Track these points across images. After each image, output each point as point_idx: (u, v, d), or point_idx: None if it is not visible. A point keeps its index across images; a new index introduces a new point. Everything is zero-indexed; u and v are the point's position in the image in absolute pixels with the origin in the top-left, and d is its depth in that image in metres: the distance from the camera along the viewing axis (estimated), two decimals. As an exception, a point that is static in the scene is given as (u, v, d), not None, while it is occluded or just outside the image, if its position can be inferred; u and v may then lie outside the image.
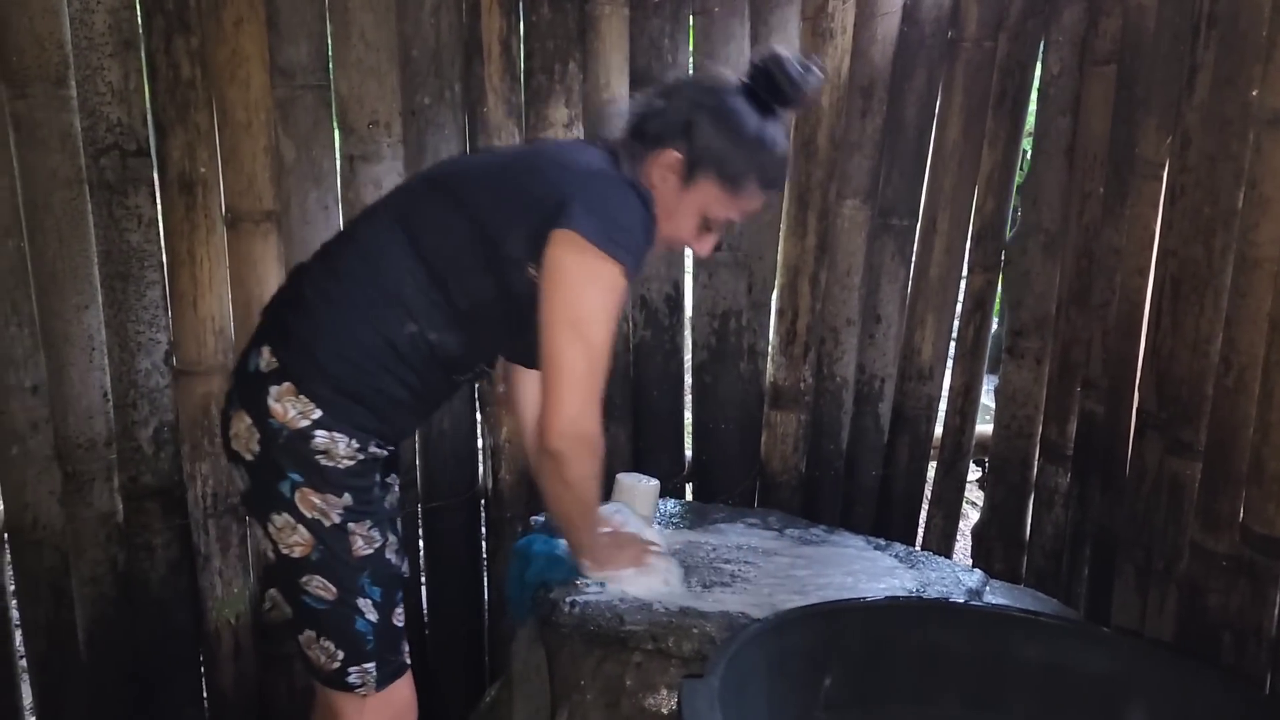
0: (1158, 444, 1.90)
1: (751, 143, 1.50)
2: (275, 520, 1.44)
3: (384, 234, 1.49)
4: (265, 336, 1.49)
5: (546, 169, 1.49)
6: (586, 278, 1.41)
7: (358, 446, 1.44)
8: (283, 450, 1.42)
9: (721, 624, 1.52)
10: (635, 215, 1.45)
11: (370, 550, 1.46)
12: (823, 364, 2.35)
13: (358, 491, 1.45)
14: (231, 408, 1.49)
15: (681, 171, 1.49)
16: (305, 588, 1.45)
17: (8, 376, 1.91)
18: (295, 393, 1.42)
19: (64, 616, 2.06)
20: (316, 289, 1.49)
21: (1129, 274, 2.04)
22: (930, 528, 2.52)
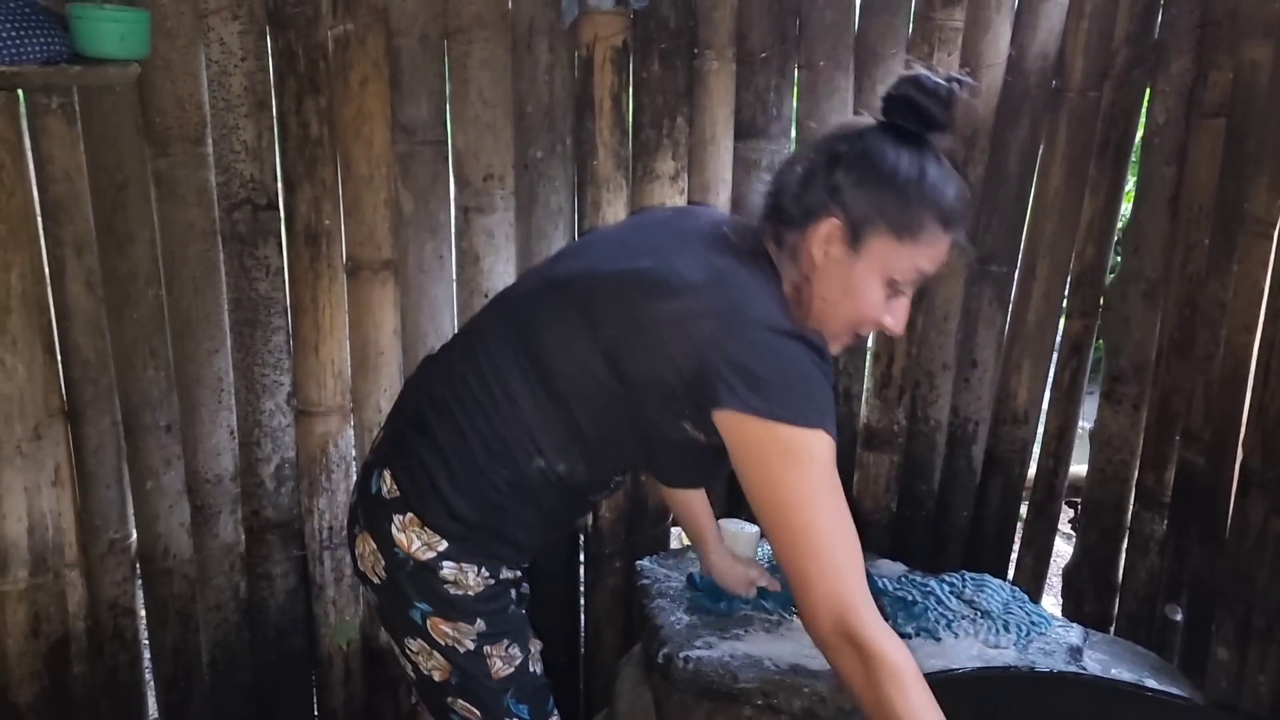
0: (1262, 502, 1.90)
1: (910, 181, 1.26)
2: (410, 644, 1.41)
3: (502, 348, 1.37)
4: (388, 459, 1.41)
5: (685, 313, 1.26)
6: (779, 460, 1.19)
7: (488, 574, 1.38)
8: (409, 580, 1.37)
9: (831, 684, 1.57)
10: (795, 360, 1.23)
11: (511, 669, 1.42)
12: (917, 407, 2.38)
13: (491, 615, 1.39)
14: (357, 528, 1.44)
15: (845, 238, 1.27)
16: (452, 708, 1.43)
17: (144, 416, 2.03)
18: (420, 524, 1.36)
19: (190, 640, 2.18)
20: (440, 414, 1.39)
21: (1235, 329, 2.03)
22: (1020, 567, 2.53)
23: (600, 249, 1.44)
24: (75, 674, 2.06)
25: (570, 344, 1.32)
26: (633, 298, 1.30)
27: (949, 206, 1.29)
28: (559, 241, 2.12)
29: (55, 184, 1.88)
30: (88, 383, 1.98)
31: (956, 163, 2.19)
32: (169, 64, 1.86)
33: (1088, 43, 2.16)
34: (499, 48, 2.01)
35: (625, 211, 2.14)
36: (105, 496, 2.05)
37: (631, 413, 1.33)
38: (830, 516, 1.20)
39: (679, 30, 2.06)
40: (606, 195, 2.11)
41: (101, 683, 2.12)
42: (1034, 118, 2.21)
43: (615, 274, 1.33)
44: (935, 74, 1.29)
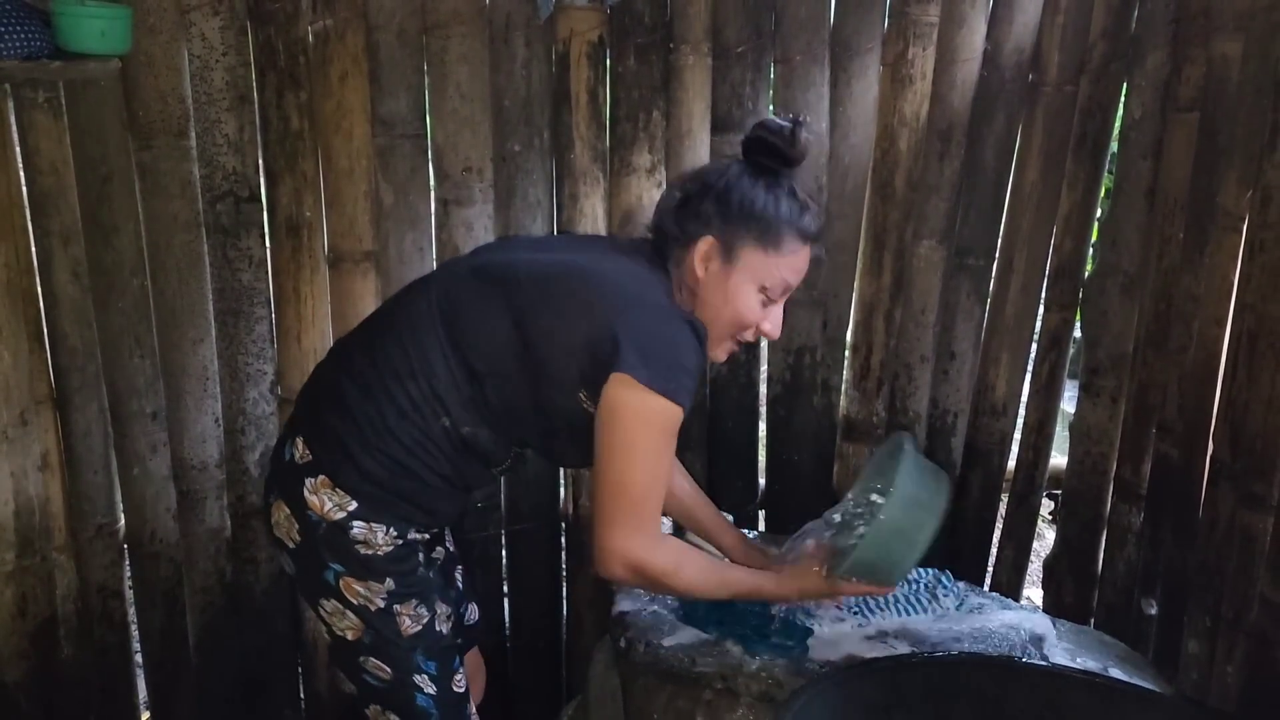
0: (1230, 494, 1.91)
1: (767, 206, 1.49)
2: (325, 605, 1.49)
3: (423, 324, 1.49)
4: (300, 427, 1.51)
5: (596, 295, 1.46)
6: (643, 421, 1.40)
7: (396, 534, 1.47)
8: (322, 541, 1.45)
9: (788, 668, 1.60)
10: (689, 349, 1.44)
11: (419, 627, 1.49)
12: (896, 398, 2.39)
13: (400, 575, 1.47)
14: (271, 496, 1.52)
15: (721, 253, 1.49)
16: (364, 667, 1.50)
17: (131, 404, 2.07)
18: (331, 485, 1.44)
19: (177, 623, 2.22)
20: (354, 382, 1.49)
21: (1206, 323, 2.04)
22: (1001, 559, 2.55)
23: (521, 246, 1.67)
24: (64, 655, 2.11)
25: (490, 324, 1.47)
26: (553, 283, 1.48)
27: (804, 226, 1.53)
28: (537, 233, 2.16)
29: (42, 176, 1.93)
30: (75, 370, 2.03)
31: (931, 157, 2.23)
32: (151, 59, 1.91)
33: (1064, 37, 2.17)
34: (476, 42, 2.04)
35: (602, 204, 2.17)
36: (93, 482, 2.10)
37: (534, 388, 1.48)
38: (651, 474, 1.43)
39: (654, 25, 2.09)
40: (584, 188, 2.14)
41: (90, 663, 2.18)
42: (1010, 112, 2.22)
43: (537, 263, 1.53)
44: (779, 118, 1.55)
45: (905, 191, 2.25)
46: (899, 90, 2.19)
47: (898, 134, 2.22)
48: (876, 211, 2.27)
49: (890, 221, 2.27)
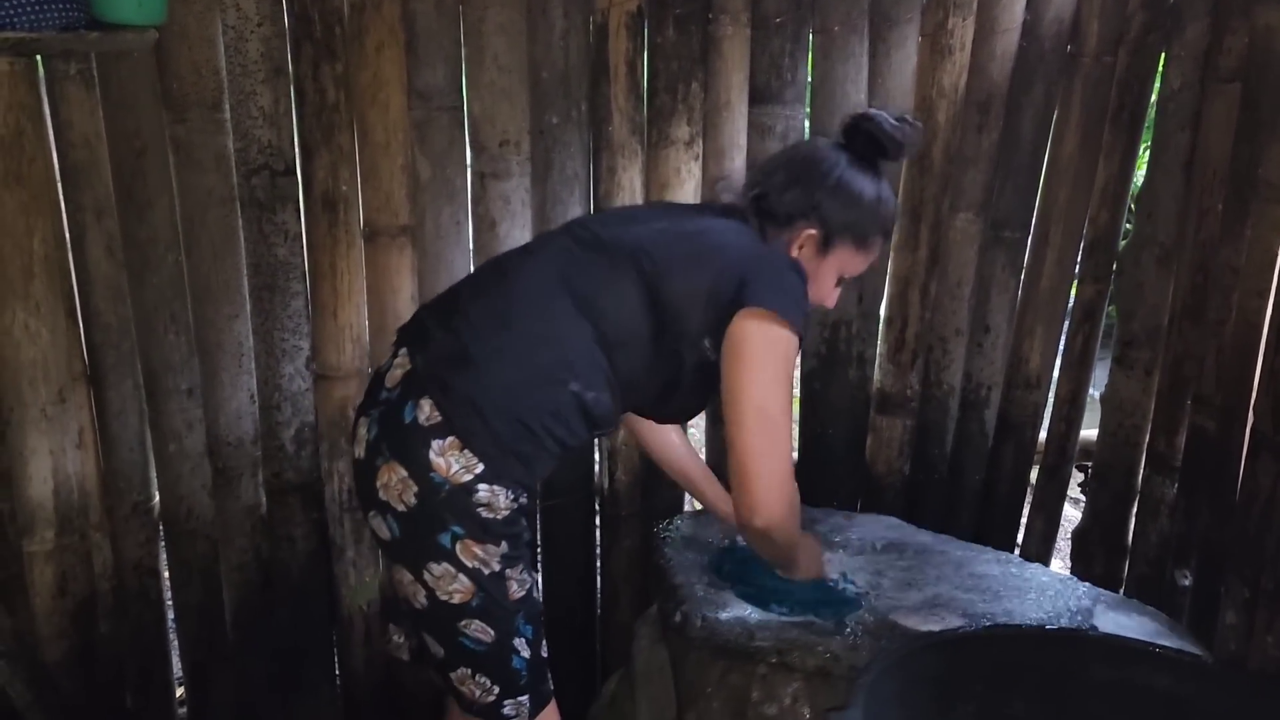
0: (1272, 466, 1.91)
1: (872, 204, 1.65)
2: (433, 569, 1.48)
3: (554, 294, 1.54)
4: (424, 388, 1.50)
5: (718, 250, 1.57)
6: (770, 347, 1.51)
7: (513, 498, 1.50)
8: (444, 504, 1.46)
9: (845, 644, 1.60)
10: (801, 290, 1.57)
11: (524, 592, 1.52)
12: (930, 371, 2.39)
13: (513, 539, 1.50)
14: (381, 459, 1.50)
15: (819, 244, 1.64)
16: (464, 630, 1.50)
17: (166, 380, 2.05)
18: (460, 448, 1.46)
19: (213, 600, 2.22)
20: (483, 345, 1.52)
21: (1247, 294, 2.03)
22: (1031, 530, 2.56)
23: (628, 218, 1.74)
24: (102, 633, 2.10)
25: (621, 293, 1.55)
26: (676, 247, 1.59)
27: (890, 223, 1.75)
28: (574, 207, 2.14)
29: (75, 150, 1.90)
30: (109, 347, 2.01)
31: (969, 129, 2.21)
32: (186, 30, 1.87)
33: (1103, 7, 2.15)
34: (514, 13, 2.01)
35: (640, 177, 2.15)
36: (128, 459, 2.08)
37: (661, 348, 1.56)
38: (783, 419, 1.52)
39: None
40: (622, 161, 2.12)
41: (127, 641, 2.17)
42: (1048, 83, 2.21)
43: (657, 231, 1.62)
44: (893, 117, 1.66)
45: (942, 164, 2.23)
46: (938, 61, 2.18)
47: (936, 105, 2.20)
48: (914, 184, 2.25)
49: (927, 194, 2.25)
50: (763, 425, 1.50)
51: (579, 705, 2.16)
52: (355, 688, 2.34)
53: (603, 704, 2.09)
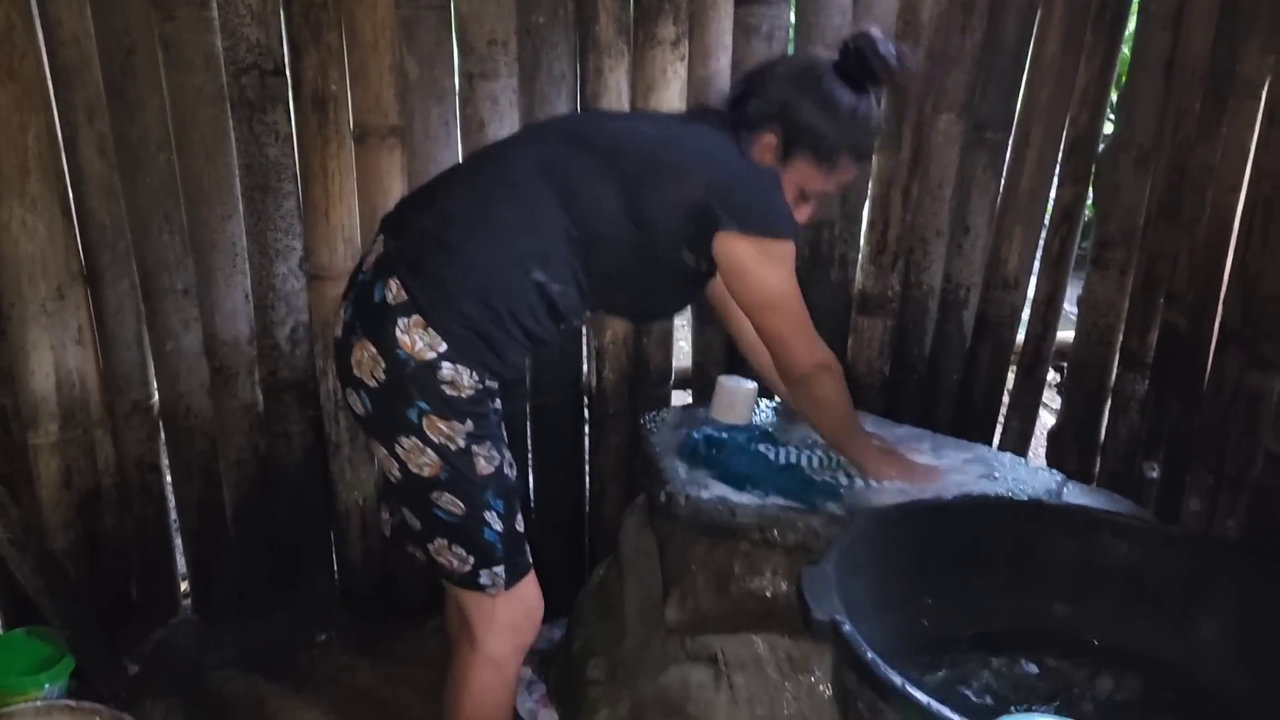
0: (1239, 357, 1.98)
1: (845, 120, 1.65)
2: (403, 443, 1.53)
3: (534, 185, 1.57)
4: (392, 268, 1.53)
5: (692, 159, 1.62)
6: (765, 264, 1.61)
7: (478, 379, 1.53)
8: (410, 379, 1.50)
9: (824, 519, 1.68)
10: (773, 189, 1.63)
11: (491, 469, 1.57)
12: (910, 273, 2.44)
13: (478, 417, 1.54)
14: (353, 337, 1.54)
15: (778, 152, 1.66)
16: (436, 502, 1.56)
17: (162, 280, 2.09)
18: (424, 326, 1.49)
19: (213, 495, 2.29)
20: (460, 227, 1.55)
21: (1221, 191, 2.08)
22: (1007, 429, 2.63)
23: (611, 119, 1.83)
24: (106, 526, 2.18)
25: (600, 190, 1.58)
26: (654, 153, 1.63)
27: (863, 145, 1.74)
28: (562, 107, 2.15)
29: (64, 48, 1.91)
30: (105, 247, 2.04)
31: (952, 29, 2.23)
32: (172, -75, 1.87)
33: (1088, -95, 2.16)
34: (501, -91, 2.01)
35: (626, 78, 2.17)
36: (127, 358, 2.13)
37: (639, 250, 1.61)
38: (796, 298, 1.67)
39: (680, -108, 2.06)
40: (608, 61, 2.13)
41: (131, 534, 2.25)
42: (1032, -18, 2.22)
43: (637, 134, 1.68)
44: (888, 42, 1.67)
45: (926, 65, 2.25)
46: (923, -42, 2.18)
47: (920, 5, 2.21)
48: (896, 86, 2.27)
49: (910, 94, 2.28)
50: (785, 313, 1.66)
51: (569, 597, 2.25)
52: (352, 580, 2.42)
53: (591, 589, 2.17)
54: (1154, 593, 1.44)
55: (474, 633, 1.64)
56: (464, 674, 1.66)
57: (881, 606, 1.39)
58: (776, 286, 1.63)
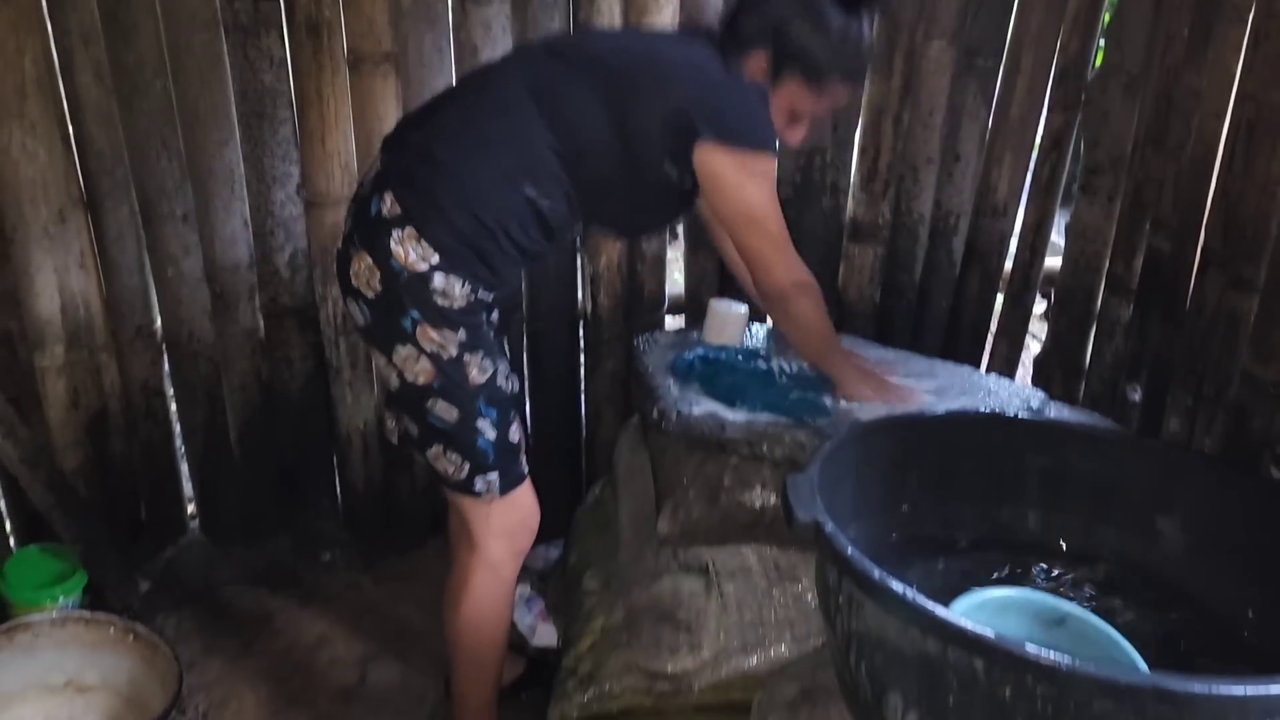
0: (1219, 279, 2.03)
1: (835, 41, 1.65)
2: (400, 351, 1.57)
3: (520, 102, 1.59)
4: (387, 182, 1.58)
5: (675, 70, 1.63)
6: (744, 177, 1.61)
7: (470, 290, 1.57)
8: (404, 289, 1.54)
9: (810, 434, 1.74)
10: (759, 107, 1.63)
11: (484, 378, 1.60)
12: (901, 200, 2.47)
13: (471, 328, 1.58)
14: (352, 248, 1.59)
15: (768, 72, 1.66)
16: (431, 410, 1.60)
17: (161, 206, 2.12)
18: (417, 238, 1.53)
19: (218, 420, 2.34)
20: (449, 144, 1.58)
21: (1206, 116, 2.11)
22: (995, 355, 2.68)
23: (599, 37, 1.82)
24: (114, 448, 2.23)
25: (584, 105, 1.60)
26: (638, 66, 1.64)
27: (855, 68, 1.73)
28: (555, 32, 2.17)
29: (58, -29, 1.92)
30: (104, 174, 2.07)
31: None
32: None
33: None
34: None
35: (619, 3, 2.18)
36: (129, 283, 2.17)
37: (623, 163, 1.63)
38: (776, 215, 1.67)
39: None
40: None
41: (138, 456, 2.30)
42: (1024, -95, 2.22)
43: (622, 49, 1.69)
44: None
45: (917, -10, 2.26)
46: (916, -117, 2.18)
47: (912, -71, 2.22)
48: (888, 12, 2.28)
49: (902, 22, 2.29)
50: (764, 230, 1.66)
51: (566, 518, 2.32)
52: (354, 501, 2.49)
53: (587, 507, 2.24)
54: (1121, 499, 1.50)
55: (472, 537, 1.71)
56: (464, 576, 1.72)
57: (861, 512, 1.45)
58: (756, 201, 1.63)
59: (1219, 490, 1.45)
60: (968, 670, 1.04)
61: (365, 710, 2.01)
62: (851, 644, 1.20)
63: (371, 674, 2.10)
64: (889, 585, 1.10)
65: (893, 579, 1.10)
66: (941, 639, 1.05)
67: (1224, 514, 1.43)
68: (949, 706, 1.09)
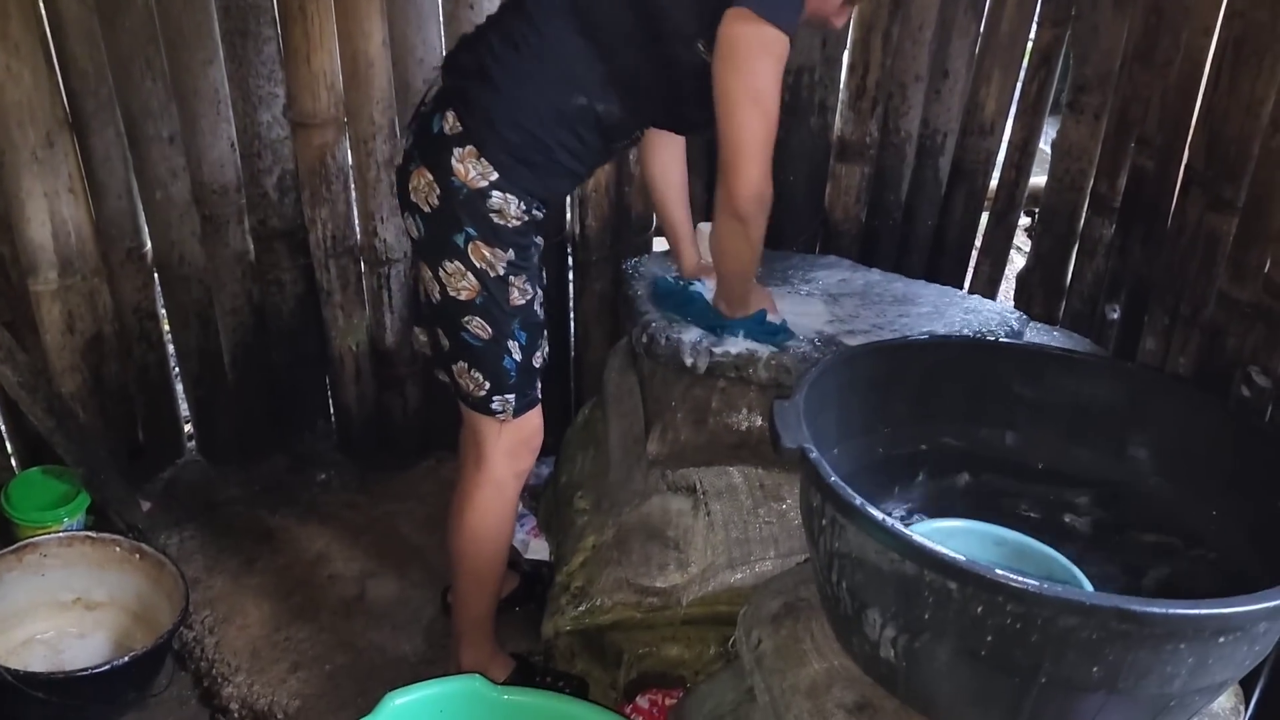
0: (1200, 199, 2.05)
1: None
2: (447, 266, 1.62)
3: (559, 13, 1.60)
4: (449, 102, 1.61)
5: None
6: (760, 49, 1.55)
7: (524, 208, 1.61)
8: (461, 206, 1.58)
9: (794, 358, 1.78)
10: None
11: (523, 301, 1.66)
12: (889, 118, 2.47)
13: (520, 249, 1.63)
14: (412, 164, 1.63)
15: None
16: (466, 326, 1.65)
17: (147, 127, 2.11)
18: (477, 156, 1.57)
19: (211, 343, 2.37)
20: (499, 63, 1.60)
21: (1195, 33, 2.10)
22: (978, 273, 2.72)
23: None
24: (110, 371, 2.26)
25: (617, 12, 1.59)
26: None
27: None
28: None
29: (32, -115, 1.87)
30: (88, 94, 2.05)
31: None
32: None
33: None
34: None
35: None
36: (118, 207, 2.17)
37: (659, 53, 1.62)
38: (774, 109, 1.59)
39: None
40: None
41: (134, 380, 2.33)
42: None
43: None
44: None
45: (909, -97, 2.23)
46: None
47: None
48: (879, -76, 2.25)
49: (892, -64, 2.26)
50: (757, 109, 1.58)
51: (556, 437, 2.37)
52: (348, 421, 2.53)
53: (577, 427, 2.29)
54: (1095, 420, 1.55)
55: (481, 453, 1.76)
56: (469, 491, 1.78)
57: (845, 434, 1.50)
58: (764, 82, 1.57)
59: (1188, 411, 1.50)
60: (942, 590, 1.10)
61: (366, 624, 2.09)
62: (833, 563, 1.26)
63: (370, 589, 2.17)
64: (869, 512, 1.15)
65: (872, 506, 1.15)
66: (918, 563, 1.10)
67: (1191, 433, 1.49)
68: (925, 621, 1.15)
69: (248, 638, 2.04)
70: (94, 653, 1.95)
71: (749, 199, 1.63)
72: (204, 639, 2.02)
